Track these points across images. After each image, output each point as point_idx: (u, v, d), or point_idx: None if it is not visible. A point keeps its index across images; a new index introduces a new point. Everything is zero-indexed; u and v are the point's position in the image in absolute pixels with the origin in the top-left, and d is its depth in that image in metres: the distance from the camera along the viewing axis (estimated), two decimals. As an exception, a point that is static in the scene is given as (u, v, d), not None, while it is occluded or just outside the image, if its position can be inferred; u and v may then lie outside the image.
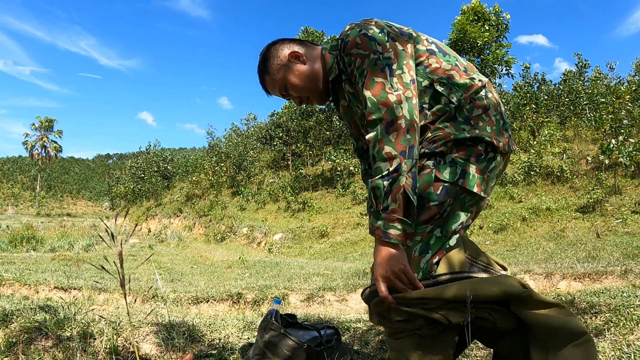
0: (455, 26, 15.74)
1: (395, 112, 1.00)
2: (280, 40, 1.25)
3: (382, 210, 0.98)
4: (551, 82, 22.34)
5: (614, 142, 11.90)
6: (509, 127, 1.16)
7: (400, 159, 0.98)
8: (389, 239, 0.98)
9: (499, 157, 1.12)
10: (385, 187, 0.97)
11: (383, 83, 1.02)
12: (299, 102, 1.27)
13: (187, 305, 4.56)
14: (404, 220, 0.98)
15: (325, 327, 1.59)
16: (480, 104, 1.10)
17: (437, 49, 1.15)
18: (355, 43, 1.08)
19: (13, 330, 1.81)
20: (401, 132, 0.99)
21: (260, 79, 1.27)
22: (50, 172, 70.94)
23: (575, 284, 4.43)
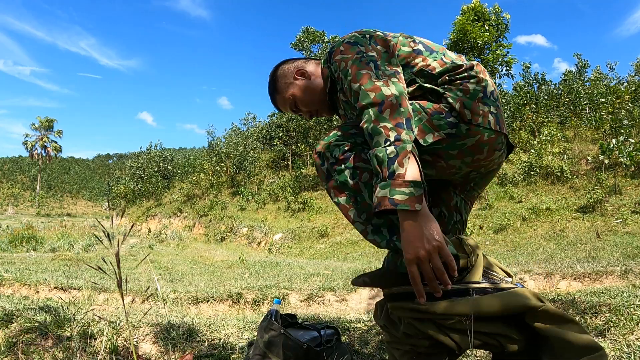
0: (455, 26, 15.74)
1: (383, 92, 0.98)
2: (286, 60, 1.34)
3: (389, 176, 0.88)
4: (551, 82, 22.35)
5: (614, 142, 11.90)
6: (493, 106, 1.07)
7: (399, 130, 0.92)
8: (396, 205, 0.86)
9: (465, 129, 1.02)
10: (389, 153, 0.89)
11: (369, 74, 1.03)
12: (309, 116, 1.34)
13: (187, 305, 4.56)
14: (415, 182, 0.87)
15: (325, 327, 1.58)
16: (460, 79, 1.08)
17: (423, 48, 1.15)
18: (340, 50, 1.12)
19: (13, 330, 1.81)
20: (393, 107, 0.96)
21: (272, 98, 1.36)
22: (50, 172, 70.96)
23: (575, 284, 4.43)
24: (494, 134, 1.06)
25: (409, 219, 0.87)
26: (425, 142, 1.01)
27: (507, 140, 1.14)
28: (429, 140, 1.02)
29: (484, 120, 1.03)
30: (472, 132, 1.03)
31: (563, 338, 0.92)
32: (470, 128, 1.03)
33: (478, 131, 1.04)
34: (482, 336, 0.98)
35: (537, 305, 0.95)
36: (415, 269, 0.88)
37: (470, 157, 1.06)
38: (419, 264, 0.87)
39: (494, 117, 1.06)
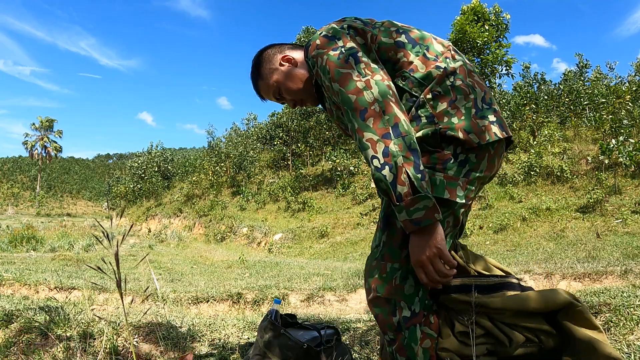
0: (455, 26, 15.74)
1: (365, 98, 0.95)
2: (272, 45, 1.26)
3: (397, 200, 0.91)
4: (551, 82, 22.35)
5: (614, 142, 11.90)
6: (490, 113, 1.03)
7: (385, 142, 0.91)
8: (420, 223, 0.90)
9: (474, 156, 1.00)
10: (387, 177, 0.91)
11: (350, 73, 0.99)
12: (293, 104, 1.27)
13: (187, 305, 4.56)
14: (420, 196, 0.89)
15: (325, 327, 1.58)
16: (446, 97, 1.01)
17: (406, 40, 1.07)
18: (316, 45, 1.07)
19: (13, 330, 1.81)
20: (377, 116, 0.93)
21: (254, 84, 1.27)
22: (50, 172, 70.95)
23: (575, 284, 4.43)
24: (498, 142, 1.03)
25: (418, 233, 0.93)
26: (461, 199, 0.99)
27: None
28: (461, 194, 0.99)
29: (490, 135, 1.00)
30: (481, 155, 1.01)
31: (589, 342, 0.95)
32: (479, 153, 1.00)
33: (486, 150, 1.01)
34: (526, 332, 1.01)
35: (576, 304, 0.99)
36: (420, 271, 0.95)
37: (487, 177, 1.06)
38: (422, 267, 0.95)
39: (496, 125, 1.02)
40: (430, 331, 1.02)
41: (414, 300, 1.00)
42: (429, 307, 1.03)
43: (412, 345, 1.00)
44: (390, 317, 1.01)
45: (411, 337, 1.00)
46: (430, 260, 0.93)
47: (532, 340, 1.01)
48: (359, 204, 16.72)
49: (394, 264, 1.01)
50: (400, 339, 1.01)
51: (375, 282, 1.03)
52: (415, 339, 1.00)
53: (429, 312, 1.03)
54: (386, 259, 1.02)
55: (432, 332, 1.02)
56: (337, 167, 19.39)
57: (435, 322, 1.03)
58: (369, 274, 1.06)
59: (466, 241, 10.90)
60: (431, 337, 1.01)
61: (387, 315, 1.02)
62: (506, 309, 1.00)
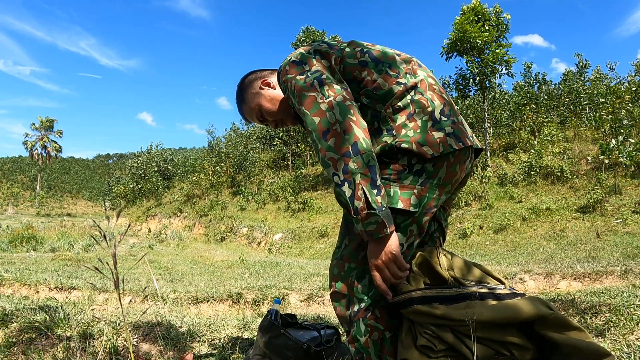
0: (455, 26, 15.74)
1: (328, 119, 1.01)
2: (253, 72, 1.37)
3: (354, 213, 0.98)
4: (551, 82, 22.35)
5: (614, 142, 11.90)
6: (447, 125, 1.08)
7: (345, 160, 0.98)
8: (372, 235, 0.99)
9: (431, 165, 1.05)
10: (346, 192, 0.99)
11: (314, 96, 1.05)
12: (274, 125, 1.37)
13: (187, 305, 4.56)
14: (371, 213, 0.97)
15: (325, 327, 1.58)
16: (405, 110, 1.07)
17: (370, 59, 1.13)
18: (285, 70, 1.14)
19: (13, 330, 1.81)
20: (338, 135, 1.00)
21: (239, 108, 1.38)
22: (50, 172, 70.98)
23: (575, 284, 4.43)
24: (457, 152, 1.08)
25: (374, 241, 1.01)
26: (415, 207, 1.05)
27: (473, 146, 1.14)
28: (415, 203, 1.05)
29: (445, 147, 1.05)
30: (438, 164, 1.06)
31: (573, 344, 0.97)
32: (436, 163, 1.06)
33: (444, 159, 1.06)
34: (495, 345, 1.02)
35: (547, 313, 0.99)
36: (376, 274, 1.03)
37: (448, 184, 1.10)
38: (378, 270, 1.02)
39: (452, 137, 1.07)
40: (377, 324, 1.08)
41: (364, 298, 1.09)
42: (375, 303, 1.09)
43: (357, 337, 1.09)
44: (345, 311, 1.13)
45: (357, 330, 1.09)
46: (385, 265, 1.01)
47: (503, 353, 1.02)
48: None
49: (351, 264, 1.11)
50: (352, 332, 1.11)
51: (334, 279, 1.15)
52: (360, 332, 1.08)
53: (374, 307, 1.08)
54: (344, 259, 1.12)
55: (379, 325, 1.08)
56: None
57: (382, 315, 1.09)
58: (330, 271, 1.17)
59: (466, 241, 10.90)
60: (377, 329, 1.08)
61: (343, 309, 1.13)
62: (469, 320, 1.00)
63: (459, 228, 11.70)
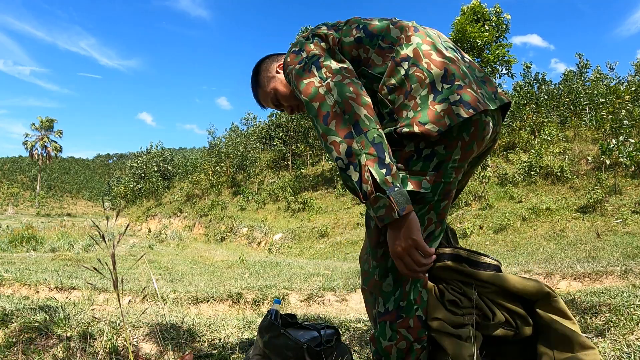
0: (455, 26, 15.74)
1: (327, 102, 0.96)
2: (269, 56, 1.33)
3: (364, 198, 0.91)
4: (551, 82, 22.34)
5: (614, 142, 11.90)
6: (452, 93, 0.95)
7: (348, 142, 0.92)
8: (384, 220, 0.90)
9: (442, 148, 0.96)
10: (353, 177, 0.91)
11: (312, 81, 1.00)
12: (290, 110, 1.32)
13: (187, 305, 4.56)
14: (378, 196, 0.89)
15: (325, 327, 1.58)
16: (401, 88, 0.99)
17: (365, 34, 1.06)
18: (287, 62, 1.11)
19: (13, 330, 1.81)
20: (338, 117, 0.94)
21: (254, 92, 1.35)
22: (50, 172, 70.98)
23: (575, 284, 4.43)
24: (471, 122, 0.97)
25: (391, 228, 0.93)
26: (426, 188, 0.98)
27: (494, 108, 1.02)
28: (427, 186, 0.98)
29: (451, 118, 0.93)
30: (451, 145, 0.97)
31: (564, 331, 1.02)
32: (448, 144, 0.96)
33: (457, 139, 0.97)
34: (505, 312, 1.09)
35: (553, 294, 1.07)
36: (399, 262, 0.94)
37: (465, 163, 1.02)
38: (400, 258, 0.93)
39: (459, 105, 0.94)
40: (408, 334, 1.02)
41: (390, 299, 1.04)
42: (409, 310, 1.03)
43: (380, 339, 1.04)
44: (371, 308, 1.09)
45: (380, 332, 1.04)
46: (406, 252, 0.92)
47: (510, 323, 1.08)
48: (359, 204, 16.71)
49: (373, 262, 1.06)
50: (375, 331, 1.08)
51: (363, 275, 1.11)
52: (384, 335, 1.04)
53: (409, 315, 1.03)
54: (370, 256, 1.07)
55: (409, 336, 1.02)
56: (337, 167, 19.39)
57: (415, 326, 1.03)
58: (362, 265, 1.14)
59: (466, 241, 10.90)
60: (407, 339, 1.02)
61: (371, 305, 1.10)
62: (491, 283, 1.07)
63: (459, 228, 11.70)
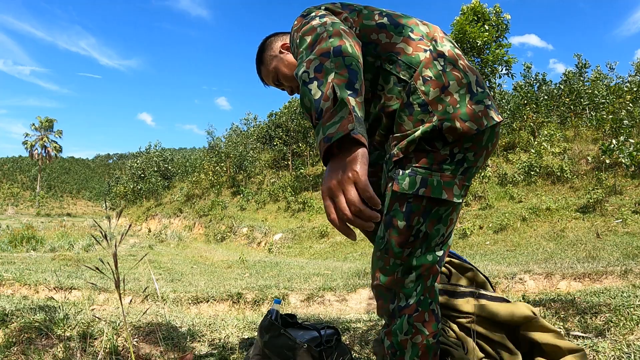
0: (455, 26, 15.74)
1: (317, 32, 0.88)
2: (275, 34, 1.34)
3: (317, 118, 0.77)
4: (551, 82, 22.34)
5: (614, 142, 11.89)
6: (485, 97, 0.98)
7: (322, 60, 0.81)
8: (331, 139, 0.72)
9: (472, 155, 0.98)
10: (313, 92, 0.78)
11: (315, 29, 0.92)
12: (290, 91, 1.32)
13: (187, 305, 4.56)
14: (338, 106, 0.74)
15: (325, 327, 1.58)
16: (438, 82, 0.96)
17: (388, 22, 1.02)
18: (293, 27, 1.04)
19: (13, 330, 1.81)
20: (322, 40, 0.85)
21: (257, 69, 1.36)
22: (50, 172, 71.00)
23: (575, 284, 4.43)
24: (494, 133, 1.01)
25: (335, 158, 0.76)
26: (458, 197, 0.99)
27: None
28: (458, 193, 0.98)
29: (487, 119, 0.97)
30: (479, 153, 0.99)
31: (553, 343, 1.16)
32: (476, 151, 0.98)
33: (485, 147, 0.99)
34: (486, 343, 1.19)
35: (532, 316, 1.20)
36: (328, 203, 0.75)
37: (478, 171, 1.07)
38: (331, 196, 0.74)
39: (492, 109, 0.99)
40: (423, 328, 1.04)
41: (412, 294, 1.04)
42: (425, 304, 1.05)
43: (397, 332, 1.04)
44: (389, 304, 1.06)
45: (398, 326, 1.04)
46: (342, 187, 0.72)
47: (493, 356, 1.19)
48: (359, 204, 16.70)
49: (396, 260, 1.02)
50: (392, 325, 1.06)
51: (379, 272, 1.06)
52: (401, 329, 1.04)
53: (424, 309, 1.05)
54: (390, 254, 1.03)
55: (424, 329, 1.04)
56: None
57: (430, 320, 1.05)
58: (374, 262, 1.09)
59: (466, 241, 10.90)
60: (422, 333, 1.04)
61: (386, 302, 1.07)
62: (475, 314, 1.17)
63: (459, 228, 11.70)
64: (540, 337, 1.16)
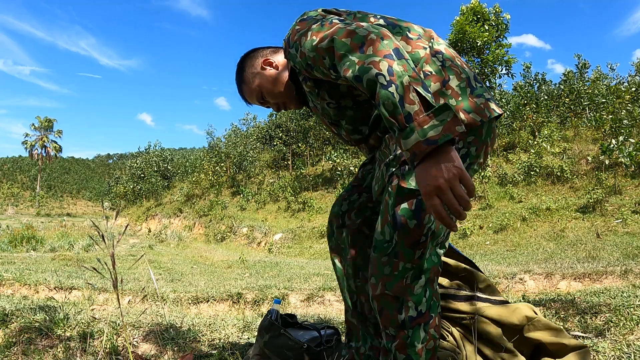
0: (454, 26, 15.74)
1: (360, 34, 0.88)
2: (254, 50, 1.27)
3: (406, 120, 0.78)
4: (551, 82, 22.34)
5: (614, 142, 11.89)
6: (485, 91, 1.00)
7: (389, 62, 0.82)
8: (437, 141, 0.75)
9: (475, 150, 0.98)
10: (394, 94, 0.80)
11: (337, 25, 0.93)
12: (276, 108, 1.27)
13: (187, 305, 4.56)
14: (438, 110, 0.77)
15: (325, 327, 1.58)
16: (438, 77, 0.98)
17: (385, 23, 1.05)
18: (296, 30, 1.03)
19: (13, 330, 1.81)
20: (376, 41, 0.86)
21: (239, 88, 1.29)
22: (50, 172, 70.99)
23: (575, 284, 4.43)
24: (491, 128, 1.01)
25: (434, 157, 0.78)
26: None
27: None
28: None
29: (489, 111, 0.97)
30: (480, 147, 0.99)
31: (558, 341, 1.16)
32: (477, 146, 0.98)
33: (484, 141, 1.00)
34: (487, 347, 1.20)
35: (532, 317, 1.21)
36: (437, 201, 0.77)
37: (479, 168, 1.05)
38: (439, 194, 0.77)
39: (492, 102, 1.00)
40: (434, 332, 1.02)
41: (421, 300, 1.00)
42: (435, 309, 1.03)
43: (415, 343, 0.99)
44: (396, 314, 1.00)
45: (415, 336, 0.99)
46: (450, 184, 0.76)
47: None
48: (359, 204, 16.70)
49: (407, 264, 0.98)
50: (402, 337, 1.00)
51: (384, 279, 1.00)
52: (419, 338, 0.99)
53: (435, 314, 1.03)
54: (399, 258, 0.98)
55: (435, 334, 1.02)
56: (337, 167, 19.38)
57: (438, 324, 1.04)
58: (378, 270, 1.02)
59: (466, 241, 10.90)
60: (434, 338, 1.02)
61: (393, 312, 1.00)
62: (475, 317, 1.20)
63: (459, 228, 11.71)
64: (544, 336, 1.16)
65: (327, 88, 1.08)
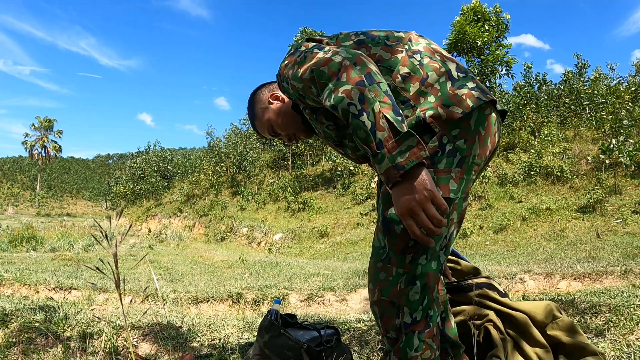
0: (454, 26, 15.74)
1: (335, 61, 0.92)
2: (262, 85, 1.33)
3: (377, 147, 0.84)
4: (551, 82, 22.33)
5: (614, 142, 11.89)
6: (469, 81, 0.99)
7: (360, 89, 0.87)
8: (404, 167, 0.82)
9: (463, 142, 0.95)
10: (365, 123, 0.85)
11: (317, 56, 0.98)
12: (287, 139, 1.31)
13: (187, 305, 4.56)
14: (403, 136, 0.82)
15: (325, 327, 1.58)
16: (416, 76, 0.99)
17: (364, 37, 1.08)
18: (285, 65, 1.08)
19: (13, 330, 1.81)
20: (348, 69, 0.90)
21: (252, 124, 1.35)
22: (50, 172, 71.00)
23: (575, 284, 4.42)
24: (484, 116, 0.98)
25: (404, 182, 0.84)
26: (455, 193, 0.96)
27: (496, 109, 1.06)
28: (455, 188, 0.96)
29: (473, 100, 0.95)
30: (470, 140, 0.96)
31: (578, 343, 1.21)
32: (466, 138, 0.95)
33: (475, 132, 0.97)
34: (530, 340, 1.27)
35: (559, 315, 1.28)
36: (411, 222, 0.85)
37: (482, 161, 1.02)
38: (412, 216, 0.84)
39: (477, 90, 0.97)
40: (432, 343, 1.01)
41: (417, 308, 1.00)
42: (434, 318, 1.03)
43: (406, 350, 1.01)
44: (395, 318, 1.02)
45: (407, 343, 1.00)
46: (421, 205, 0.82)
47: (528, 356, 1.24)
48: (359, 204, 16.71)
49: (399, 269, 0.99)
50: (399, 342, 1.02)
51: (380, 284, 1.02)
52: (411, 346, 1.00)
53: (433, 323, 1.02)
54: (392, 263, 1.00)
55: (433, 344, 1.02)
56: (337, 167, 19.39)
57: (437, 334, 1.03)
58: (374, 276, 1.04)
59: (466, 241, 10.90)
60: (431, 348, 1.01)
61: (392, 316, 1.02)
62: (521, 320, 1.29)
63: (459, 228, 11.70)
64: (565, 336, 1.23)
65: (323, 112, 1.10)
